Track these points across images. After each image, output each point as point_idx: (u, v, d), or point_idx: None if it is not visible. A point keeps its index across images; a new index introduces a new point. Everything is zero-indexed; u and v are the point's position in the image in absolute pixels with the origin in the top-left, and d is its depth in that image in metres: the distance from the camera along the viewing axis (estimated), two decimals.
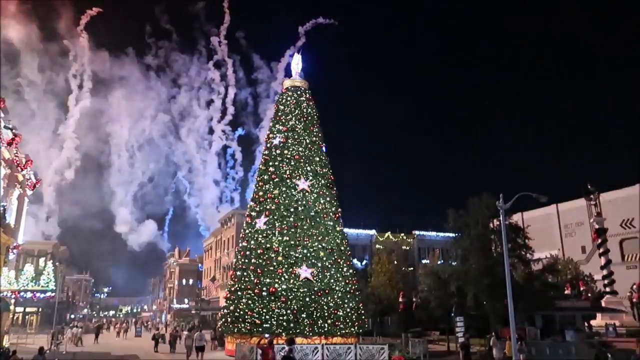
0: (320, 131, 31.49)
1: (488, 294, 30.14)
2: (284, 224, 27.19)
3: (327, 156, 30.99)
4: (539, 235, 47.00)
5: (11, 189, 31.84)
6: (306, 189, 28.32)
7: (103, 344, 38.50)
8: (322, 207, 28.31)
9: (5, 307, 28.28)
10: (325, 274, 26.42)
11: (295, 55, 33.83)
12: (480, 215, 31.82)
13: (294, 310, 24.92)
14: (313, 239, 27.02)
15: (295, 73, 33.10)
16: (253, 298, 25.70)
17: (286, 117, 30.75)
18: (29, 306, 59.58)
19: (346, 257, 28.60)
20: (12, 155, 30.38)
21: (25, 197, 36.15)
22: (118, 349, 34.26)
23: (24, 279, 56.53)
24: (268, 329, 24.10)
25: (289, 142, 29.75)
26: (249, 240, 27.98)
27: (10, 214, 31.82)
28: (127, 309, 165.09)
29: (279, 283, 25.67)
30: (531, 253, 32.94)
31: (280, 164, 29.13)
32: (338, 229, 28.96)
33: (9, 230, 29.64)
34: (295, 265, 26.09)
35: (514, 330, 19.28)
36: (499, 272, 24.28)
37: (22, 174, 33.48)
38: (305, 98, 31.69)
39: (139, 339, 45.84)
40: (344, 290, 26.84)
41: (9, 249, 30.83)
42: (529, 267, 33.35)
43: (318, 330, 24.84)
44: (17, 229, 34.56)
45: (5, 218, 28.62)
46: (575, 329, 28.69)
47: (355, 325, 26.34)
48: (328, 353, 23.19)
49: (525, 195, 20.07)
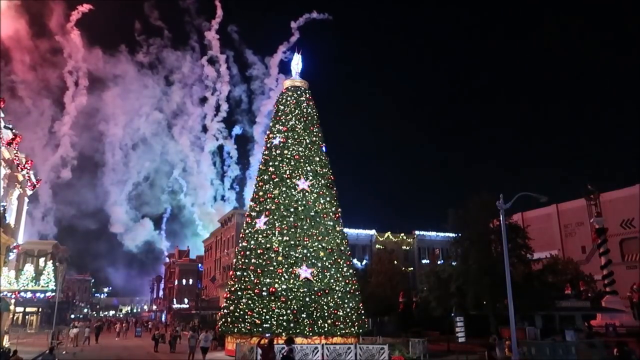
0: (320, 131, 31.47)
1: (488, 294, 30.18)
2: (284, 224, 27.19)
3: (327, 156, 30.99)
4: (539, 235, 47.06)
5: (11, 189, 31.85)
6: (306, 189, 28.30)
7: (103, 344, 38.49)
8: (322, 207, 28.29)
9: (5, 307, 28.26)
10: (325, 274, 26.41)
11: (295, 55, 33.78)
12: (480, 215, 31.84)
13: (294, 310, 24.91)
14: (313, 239, 27.01)
15: (295, 73, 33.08)
16: (253, 298, 25.70)
17: (286, 117, 30.73)
18: (29, 306, 59.59)
19: (346, 257, 28.58)
20: (12, 155, 30.39)
21: (25, 197, 36.17)
22: (118, 349, 34.26)
23: (24, 279, 56.58)
24: (268, 329, 24.08)
25: (289, 142, 29.73)
26: (249, 240, 27.97)
27: (10, 214, 31.83)
28: (127, 308, 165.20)
29: (279, 283, 25.66)
30: (531, 253, 32.98)
31: (280, 164, 29.11)
32: (338, 229, 28.94)
33: (9, 230, 29.64)
34: (295, 265, 26.09)
35: (514, 330, 19.29)
36: (499, 272, 24.27)
37: (22, 174, 33.50)
38: (305, 98, 31.68)
39: (138, 339, 45.83)
40: (344, 290, 26.83)
41: (9, 248, 30.83)
42: (529, 267, 33.38)
43: (318, 330, 24.83)
44: (17, 229, 34.58)
45: (5, 218, 28.62)
46: (575, 329, 28.66)
47: (355, 325, 26.33)
48: (328, 353, 23.18)
49: (525, 195, 20.09)
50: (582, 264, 51.29)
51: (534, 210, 57.47)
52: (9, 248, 30.80)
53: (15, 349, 21.21)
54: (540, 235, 54.06)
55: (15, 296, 50.93)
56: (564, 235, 63.43)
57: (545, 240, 58.68)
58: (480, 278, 30.10)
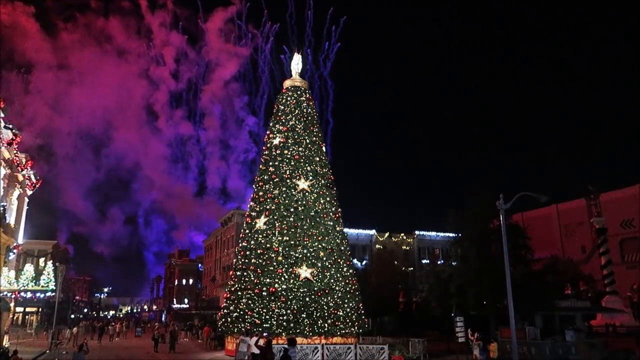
0: (321, 131, 31.50)
1: (488, 294, 30.16)
2: (284, 224, 27.19)
3: (327, 156, 31.01)
4: (539, 235, 47.04)
5: (11, 189, 31.86)
6: (306, 189, 28.32)
7: (103, 344, 38.54)
8: (322, 207, 28.30)
9: (5, 307, 28.27)
10: (325, 274, 26.42)
11: (295, 55, 33.72)
12: (480, 215, 31.82)
13: (294, 310, 24.92)
14: (313, 239, 27.02)
15: (295, 73, 33.06)
16: (253, 298, 25.71)
17: (286, 117, 30.74)
18: (29, 306, 59.56)
19: (346, 257, 28.59)
20: (12, 155, 30.40)
21: (25, 197, 36.18)
22: (118, 349, 34.29)
23: (24, 279, 56.48)
24: (268, 329, 24.11)
25: (289, 142, 29.74)
26: (249, 240, 27.98)
27: (10, 214, 31.84)
28: (127, 308, 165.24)
29: (279, 283, 25.67)
30: (531, 253, 32.95)
31: (280, 164, 29.12)
32: (338, 229, 28.95)
33: (9, 230, 29.65)
34: (295, 265, 26.10)
35: (514, 330, 19.29)
36: (498, 272, 24.26)
37: (22, 174, 33.51)
38: (305, 98, 31.69)
39: (138, 339, 45.85)
40: (344, 290, 26.84)
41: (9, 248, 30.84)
42: (529, 267, 33.35)
43: (318, 330, 24.84)
44: (17, 229, 34.59)
45: (5, 218, 28.63)
46: (575, 329, 28.62)
47: (355, 325, 26.33)
48: (328, 353, 23.20)
49: (525, 195, 20.10)
50: (582, 264, 51.28)
51: (534, 210, 57.40)
52: (9, 248, 30.81)
53: (15, 349, 21.22)
54: (540, 235, 54.02)
55: (15, 296, 50.89)
56: (564, 235, 63.41)
57: (545, 240, 58.64)
58: (480, 278, 30.06)
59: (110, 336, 44.31)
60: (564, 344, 25.02)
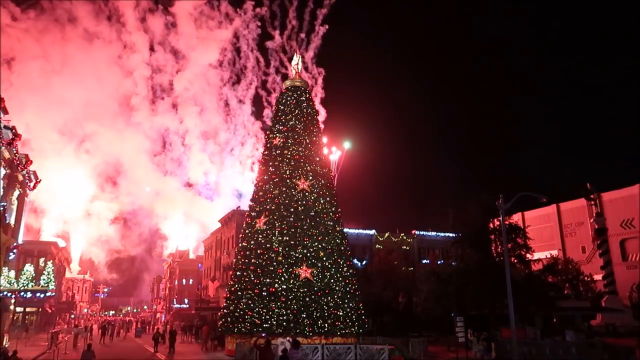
0: (320, 131, 31.48)
1: (488, 294, 30.17)
2: (284, 224, 27.18)
3: (327, 156, 31.01)
4: (539, 235, 47.13)
5: (11, 189, 31.87)
6: (306, 189, 28.31)
7: (103, 344, 38.51)
8: (322, 207, 28.30)
9: (5, 308, 28.28)
10: (325, 274, 26.41)
11: (295, 55, 33.75)
12: (480, 215, 31.85)
13: (294, 310, 24.91)
14: (313, 239, 27.01)
15: (295, 73, 33.08)
16: (253, 298, 25.69)
17: (286, 117, 30.74)
18: (29, 306, 59.53)
19: (346, 257, 28.58)
20: (12, 155, 30.40)
21: (25, 197, 36.18)
22: (118, 349, 34.28)
23: (24, 279, 56.45)
24: (268, 329, 24.10)
25: (289, 142, 29.75)
26: (249, 240, 27.97)
27: (10, 214, 31.84)
28: (127, 308, 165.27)
29: (279, 283, 25.65)
30: (531, 253, 32.98)
31: (280, 164, 29.12)
32: (338, 229, 28.94)
33: (9, 230, 29.66)
34: (295, 265, 26.08)
35: (514, 330, 19.31)
36: (498, 272, 24.28)
37: (22, 174, 33.51)
38: (305, 98, 31.70)
39: (139, 339, 45.85)
40: (344, 290, 26.82)
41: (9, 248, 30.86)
42: (529, 267, 33.38)
43: (318, 330, 24.84)
44: (17, 229, 34.59)
45: (5, 218, 28.64)
46: (575, 329, 28.68)
47: (355, 325, 26.32)
48: (328, 353, 23.17)
49: (525, 195, 20.12)
50: (582, 264, 51.29)
51: (534, 210, 57.45)
52: (9, 248, 30.82)
53: (15, 349, 21.22)
54: (540, 235, 54.15)
55: (15, 296, 50.90)
56: (564, 235, 63.43)
57: (545, 240, 58.74)
58: (480, 278, 30.09)
59: (111, 336, 44.26)
60: (564, 344, 25.05)
